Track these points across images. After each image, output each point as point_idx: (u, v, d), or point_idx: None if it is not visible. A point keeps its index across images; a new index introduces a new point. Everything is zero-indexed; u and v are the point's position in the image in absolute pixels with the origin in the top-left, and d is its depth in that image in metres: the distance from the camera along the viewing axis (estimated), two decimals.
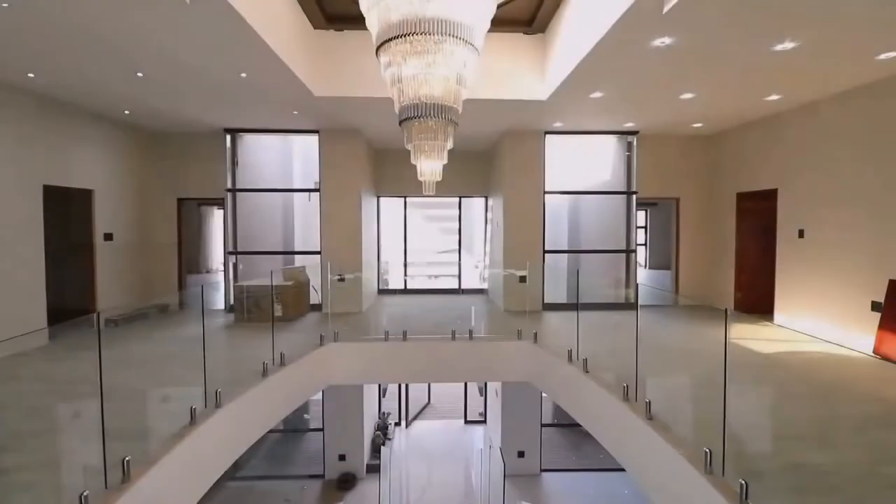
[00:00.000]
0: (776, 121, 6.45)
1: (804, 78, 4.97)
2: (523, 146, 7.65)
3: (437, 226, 14.10)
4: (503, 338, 5.87)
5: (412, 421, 10.56)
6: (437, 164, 3.43)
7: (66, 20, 3.59)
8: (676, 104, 6.01)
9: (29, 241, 5.40)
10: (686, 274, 8.15)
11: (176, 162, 7.96)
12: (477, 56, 3.07)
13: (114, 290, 6.93)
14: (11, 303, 5.13)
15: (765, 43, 4.00)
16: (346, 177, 7.59)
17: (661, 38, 3.91)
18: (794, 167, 6.15)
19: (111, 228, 6.93)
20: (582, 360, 4.51)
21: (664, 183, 8.10)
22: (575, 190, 8.38)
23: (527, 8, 5.23)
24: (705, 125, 7.33)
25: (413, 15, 2.81)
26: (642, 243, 13.86)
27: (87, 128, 6.39)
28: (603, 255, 8.23)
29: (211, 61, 4.57)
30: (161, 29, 3.79)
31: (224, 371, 4.04)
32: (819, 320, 5.71)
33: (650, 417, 3.33)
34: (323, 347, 5.35)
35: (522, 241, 7.65)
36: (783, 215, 6.35)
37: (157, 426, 3.33)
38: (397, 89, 3.14)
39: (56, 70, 4.75)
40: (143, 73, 4.85)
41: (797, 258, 6.11)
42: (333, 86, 5.70)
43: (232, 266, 7.77)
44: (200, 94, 5.63)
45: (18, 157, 5.29)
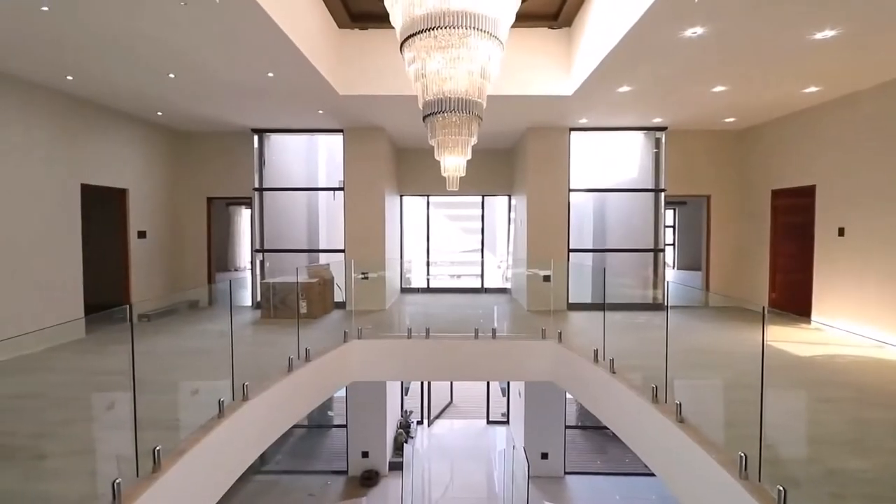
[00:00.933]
0: (814, 114, 6.17)
1: (845, 68, 4.73)
2: (548, 143, 7.54)
3: (459, 225, 14.08)
4: (527, 337, 5.80)
5: (434, 420, 10.56)
6: (461, 159, 3.40)
7: (102, 26, 3.71)
8: (708, 98, 5.82)
9: (68, 238, 5.63)
10: (717, 274, 7.88)
11: (205, 162, 8.18)
12: (501, 49, 3.03)
13: (147, 286, 7.17)
14: (51, 298, 5.35)
15: (803, 31, 3.82)
16: (370, 175, 7.65)
17: (692, 29, 3.78)
18: (834, 163, 5.87)
19: (144, 227, 7.17)
20: (608, 360, 4.40)
21: (694, 180, 7.86)
22: (601, 188, 8.22)
23: (552, 2, 5.15)
24: (737, 120, 7.07)
25: (437, 9, 2.79)
26: (670, 243, 13.51)
27: (121, 128, 6.62)
28: (630, 255, 8.04)
29: (240, 62, 4.67)
30: (193, 32, 3.89)
31: (251, 366, 4.11)
32: (859, 322, 5.43)
33: (681, 420, 3.22)
34: (347, 344, 5.39)
35: (546, 239, 7.55)
36: (822, 213, 6.06)
37: (187, 417, 3.41)
38: (421, 84, 3.12)
39: (92, 73, 4.92)
40: (174, 75, 4.99)
41: (836, 258, 5.82)
42: (358, 84, 5.74)
43: (259, 264, 7.93)
44: (229, 94, 5.76)
45: (58, 156, 5.51)
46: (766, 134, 7.16)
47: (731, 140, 7.80)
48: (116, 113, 6.49)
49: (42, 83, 5.19)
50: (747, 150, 7.64)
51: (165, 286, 7.66)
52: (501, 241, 11.01)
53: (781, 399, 3.62)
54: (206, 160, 8.18)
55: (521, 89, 5.71)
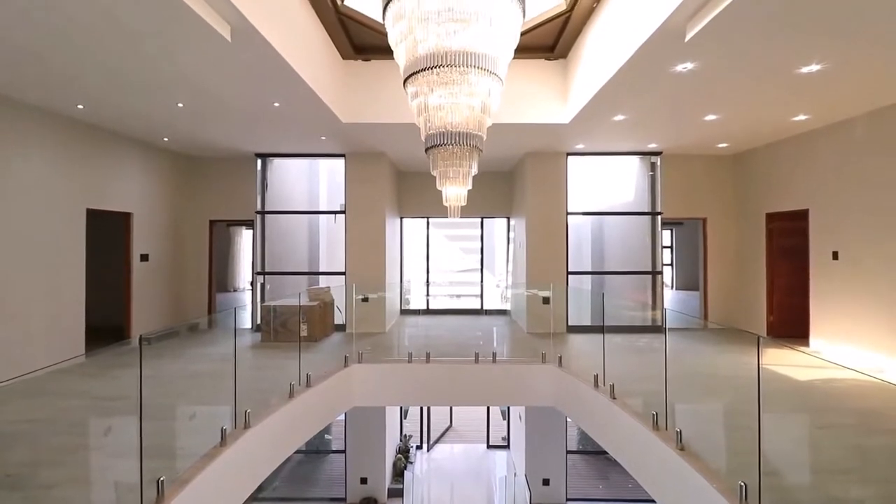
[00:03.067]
0: (805, 140, 6.32)
1: (833, 98, 4.89)
2: (546, 167, 7.69)
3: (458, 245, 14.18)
4: (527, 361, 5.81)
5: (434, 444, 10.44)
6: (462, 189, 3.50)
7: (117, 59, 3.84)
8: (700, 125, 5.98)
9: (72, 262, 5.68)
10: (715, 295, 7.94)
11: (209, 185, 8.30)
12: (501, 85, 3.16)
13: (148, 308, 7.20)
14: (54, 320, 5.38)
15: (790, 66, 3.98)
16: (371, 199, 7.76)
17: (683, 64, 3.93)
18: (826, 187, 5.99)
19: (147, 249, 7.23)
20: (609, 385, 4.42)
21: (690, 203, 7.98)
22: (598, 211, 8.34)
23: (548, 35, 5.34)
24: (730, 145, 7.24)
25: (439, 48, 2.93)
26: (668, 263, 13.59)
27: (127, 153, 6.74)
28: (628, 277, 8.11)
29: (248, 93, 4.82)
30: (205, 66, 4.03)
31: (252, 391, 4.12)
32: (857, 345, 5.47)
33: (681, 448, 3.24)
34: (347, 369, 5.40)
35: (545, 261, 7.63)
36: (816, 236, 6.16)
37: (190, 445, 3.41)
38: (424, 118, 3.24)
39: (104, 102, 5.06)
40: (183, 104, 5.13)
41: (832, 281, 5.89)
42: (360, 112, 5.90)
43: (260, 286, 7.97)
44: (235, 122, 5.91)
45: (65, 182, 5.61)
46: (760, 158, 7.31)
47: (726, 164, 7.95)
48: (123, 138, 6.62)
49: (54, 111, 5.31)
50: (741, 173, 7.79)
51: (166, 308, 7.68)
52: (500, 261, 11.08)
53: (781, 425, 3.64)
54: (210, 183, 8.30)
55: (520, 117, 5.87)
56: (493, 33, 2.92)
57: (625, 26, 3.96)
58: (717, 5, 3.01)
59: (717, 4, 3.00)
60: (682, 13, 3.21)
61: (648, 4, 3.50)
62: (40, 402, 4.26)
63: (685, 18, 3.29)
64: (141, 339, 2.58)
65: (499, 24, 2.90)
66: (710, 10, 3.09)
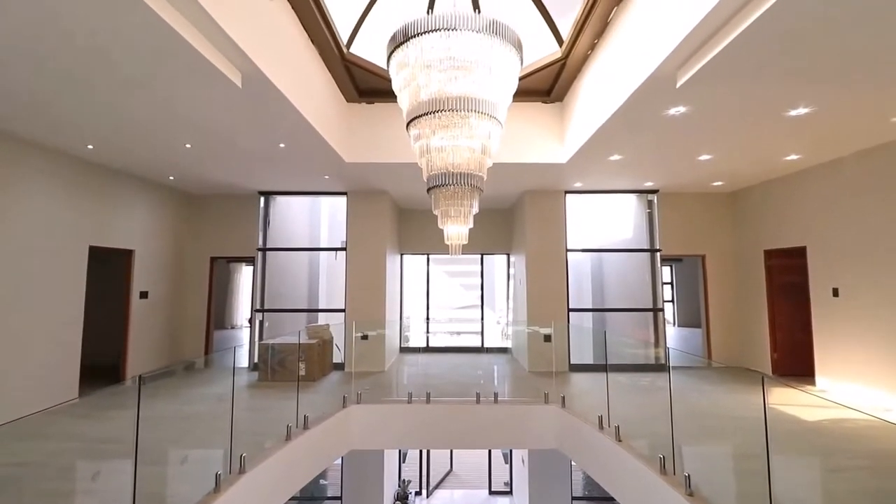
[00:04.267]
0: (798, 178, 6.45)
1: (822, 139, 5.04)
2: (544, 205, 7.81)
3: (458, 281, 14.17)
4: (529, 401, 5.69)
5: (434, 490, 10.03)
6: (463, 228, 3.55)
7: (129, 105, 3.99)
8: (695, 165, 6.13)
9: (71, 299, 5.65)
10: (718, 333, 7.86)
11: (211, 222, 8.38)
12: (501, 128, 3.28)
13: (144, 347, 7.10)
14: (50, 358, 5.30)
15: (779, 109, 4.13)
16: (372, 236, 7.83)
17: (675, 108, 4.09)
18: (822, 224, 6.07)
19: (147, 286, 7.22)
20: (614, 426, 4.31)
21: (688, 240, 8.05)
22: (597, 248, 8.40)
23: (545, 80, 5.57)
24: (725, 183, 7.39)
25: (441, 93, 3.06)
26: (669, 300, 13.54)
27: (132, 191, 6.82)
28: (629, 314, 8.07)
29: (255, 135, 4.96)
30: (215, 110, 4.17)
31: (248, 433, 4.01)
32: (864, 384, 5.38)
33: (690, 493, 3.13)
34: (346, 410, 5.28)
35: (546, 298, 7.61)
36: (815, 274, 6.18)
37: (181, 492, 3.29)
38: (426, 160, 3.33)
39: (113, 142, 5.19)
40: (191, 145, 5.28)
41: (834, 318, 5.87)
42: (363, 152, 6.06)
43: (258, 323, 7.90)
44: (241, 161, 6.05)
45: (70, 219, 5.67)
46: (755, 196, 7.44)
47: (722, 201, 8.08)
48: (129, 176, 6.73)
49: (63, 150, 5.43)
50: (738, 211, 7.90)
51: (163, 346, 7.58)
52: (501, 297, 11.04)
53: (791, 469, 3.53)
54: (212, 220, 8.38)
55: (518, 157, 6.02)
56: (493, 80, 3.06)
57: (618, 73, 4.15)
58: (703, 56, 3.17)
59: (704, 55, 3.16)
60: (672, 62, 3.37)
61: (640, 54, 3.68)
62: (31, 446, 4.13)
63: (675, 67, 3.46)
64: (140, 382, 2.54)
65: (498, 72, 3.05)
66: (697, 60, 3.24)
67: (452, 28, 2.80)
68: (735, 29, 2.82)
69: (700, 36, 3.04)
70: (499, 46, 2.93)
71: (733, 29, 2.84)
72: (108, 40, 2.92)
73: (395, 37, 2.97)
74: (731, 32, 2.87)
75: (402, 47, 2.94)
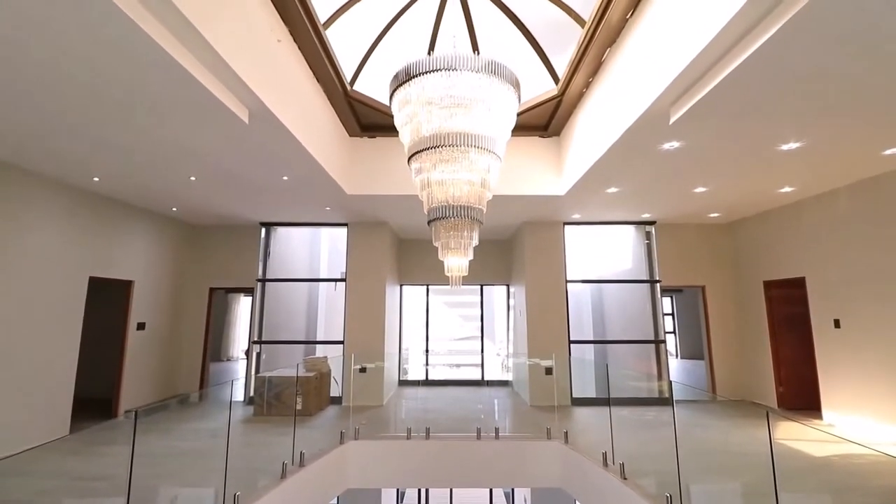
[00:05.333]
0: (794, 209, 6.53)
1: (815, 172, 5.15)
2: (543, 235, 7.86)
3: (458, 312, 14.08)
4: (532, 437, 5.55)
5: None
6: (464, 259, 3.58)
7: (137, 139, 4.09)
8: (691, 196, 6.22)
9: (68, 330, 5.59)
10: (721, 365, 7.76)
11: (211, 253, 8.40)
12: (500, 162, 3.36)
13: (139, 379, 6.97)
14: (42, 390, 5.18)
15: (770, 144, 4.24)
16: (372, 267, 7.84)
17: (669, 143, 4.19)
18: (820, 255, 6.10)
19: (145, 318, 7.16)
20: (619, 463, 4.20)
21: (688, 271, 8.06)
22: (597, 279, 8.40)
23: (542, 116, 5.73)
24: (722, 215, 7.48)
25: (442, 129, 3.15)
26: (671, 331, 13.44)
27: (134, 221, 6.85)
28: (631, 346, 7.99)
29: (259, 168, 5.06)
30: (221, 144, 4.27)
31: (242, 470, 3.90)
32: (872, 417, 5.27)
33: None
34: (343, 446, 5.14)
35: (546, 330, 7.55)
36: (815, 305, 6.17)
37: None
38: (427, 193, 3.39)
39: (119, 175, 5.28)
40: (195, 178, 5.37)
41: (837, 350, 5.81)
42: (364, 185, 6.15)
43: (255, 355, 7.79)
44: (244, 193, 6.13)
45: (72, 250, 5.67)
46: (752, 227, 7.51)
47: (720, 232, 8.14)
48: (132, 207, 6.78)
49: (68, 182, 5.49)
50: (736, 241, 7.96)
51: (157, 379, 7.44)
52: (500, 328, 10.94)
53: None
54: (212, 251, 8.40)
55: (517, 189, 6.11)
56: (492, 116, 3.16)
57: (613, 110, 4.28)
58: (695, 94, 3.28)
59: (695, 94, 3.28)
60: (665, 100, 3.48)
61: (633, 92, 3.81)
62: (18, 483, 4.00)
63: (668, 104, 3.57)
64: (136, 418, 2.49)
65: (496, 109, 3.15)
66: (689, 98, 3.36)
67: (453, 68, 2.92)
68: (724, 69, 2.94)
69: (691, 75, 3.15)
70: (497, 85, 3.04)
71: (723, 69, 2.96)
72: (122, 82, 3.02)
73: (398, 76, 3.09)
74: (720, 72, 2.98)
75: (405, 86, 3.05)
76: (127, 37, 2.52)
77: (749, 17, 2.53)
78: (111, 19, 2.37)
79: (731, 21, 2.55)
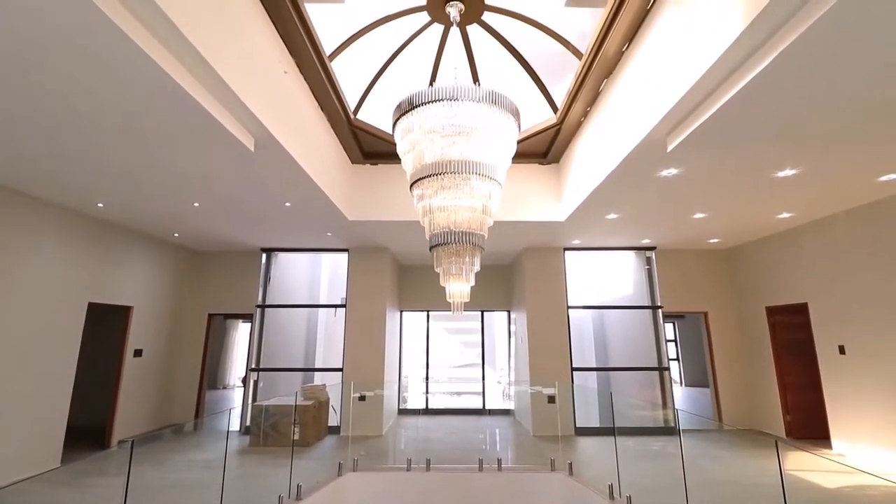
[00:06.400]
0: (793, 235, 6.56)
1: (812, 198, 5.20)
2: (544, 261, 7.86)
3: (458, 338, 13.96)
4: (535, 468, 5.40)
5: None
6: (465, 286, 3.57)
7: (143, 166, 4.15)
8: (690, 222, 6.26)
9: (64, 357, 5.51)
10: (726, 393, 7.63)
11: (211, 278, 8.37)
12: (500, 189, 3.39)
13: (133, 407, 6.83)
14: (34, 418, 5.07)
15: (767, 171, 4.30)
16: (373, 292, 7.81)
17: (667, 170, 4.25)
18: (821, 280, 6.09)
19: (142, 344, 7.07)
20: (625, 496, 4.07)
21: (689, 296, 8.03)
22: (598, 304, 8.36)
23: (541, 144, 5.83)
24: (722, 240, 7.51)
25: (443, 157, 3.20)
26: (674, 358, 13.28)
27: (134, 247, 6.82)
28: (634, 373, 7.87)
29: (262, 194, 5.11)
30: (226, 171, 4.33)
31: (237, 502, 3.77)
32: (883, 447, 5.15)
33: None
34: (342, 478, 4.99)
35: (548, 357, 7.45)
36: (819, 331, 6.12)
37: None
38: (428, 219, 3.41)
39: (124, 201, 5.32)
40: (199, 204, 5.41)
41: (842, 377, 5.73)
42: (366, 211, 6.20)
43: (252, 383, 7.66)
44: (246, 219, 6.17)
45: (72, 276, 5.65)
46: (752, 253, 7.53)
47: (720, 258, 8.15)
48: (133, 232, 6.77)
49: (72, 207, 5.52)
50: (737, 267, 7.95)
51: (153, 407, 7.29)
52: (501, 355, 10.80)
53: None
54: (211, 277, 8.37)
55: (517, 215, 6.16)
56: (492, 144, 3.22)
57: (611, 138, 4.36)
58: (691, 123, 3.36)
59: (692, 122, 3.35)
60: (662, 129, 3.55)
61: (631, 121, 3.89)
62: None
63: (665, 133, 3.64)
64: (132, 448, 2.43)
65: (497, 137, 3.21)
66: (686, 127, 3.43)
67: (455, 98, 2.99)
68: (719, 99, 3.01)
69: (687, 105, 3.23)
70: (497, 114, 3.11)
71: (718, 99, 3.03)
72: (130, 111, 3.09)
73: (401, 105, 3.16)
74: (715, 102, 3.06)
75: (408, 115, 3.11)
76: (136, 66, 2.59)
77: (743, 48, 2.61)
78: (121, 49, 2.44)
79: (725, 53, 2.63)
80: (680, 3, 3.10)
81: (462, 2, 3.68)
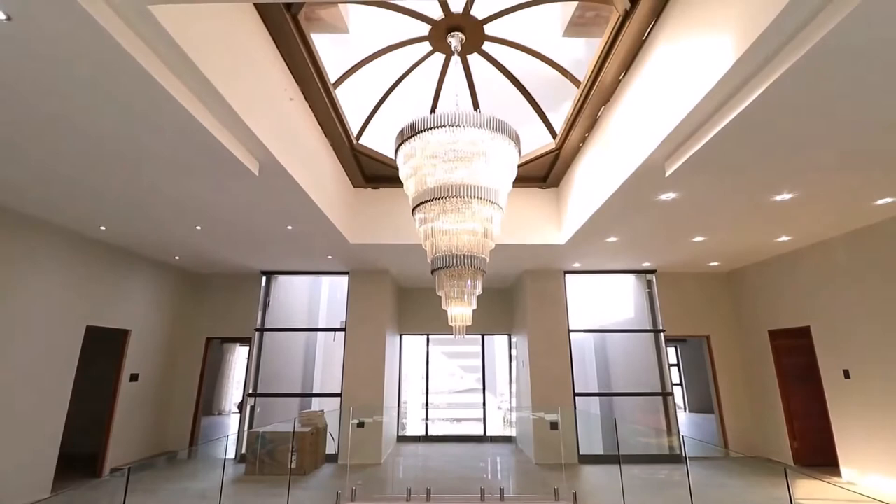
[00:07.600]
0: (792, 258, 6.57)
1: (809, 222, 5.24)
2: (545, 284, 7.84)
3: (458, 363, 13.79)
4: (538, 498, 5.25)
5: None
6: (467, 309, 3.56)
7: (148, 188, 4.19)
8: (689, 246, 6.29)
9: (59, 382, 5.42)
10: (731, 419, 7.49)
11: (210, 302, 8.31)
12: (501, 212, 3.42)
13: (127, 433, 6.67)
14: (27, 446, 4.96)
15: (764, 195, 4.35)
16: (373, 316, 7.76)
17: (666, 194, 4.30)
18: (822, 303, 6.07)
19: (139, 368, 6.95)
20: None
21: (691, 320, 7.98)
22: (600, 328, 8.30)
23: (541, 168, 5.91)
24: (721, 264, 7.52)
25: (445, 181, 3.24)
26: (677, 383, 13.10)
27: (134, 269, 6.79)
28: (637, 399, 7.75)
29: (265, 217, 5.15)
30: (230, 195, 4.37)
31: None
32: (892, 475, 5.03)
33: None
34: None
35: (550, 382, 7.34)
36: (822, 355, 6.06)
37: None
38: (430, 242, 3.43)
39: (126, 224, 5.35)
40: (201, 227, 5.44)
41: (848, 402, 5.64)
42: (367, 234, 6.23)
43: (249, 409, 7.51)
44: (248, 242, 6.19)
45: (71, 299, 5.61)
46: (752, 276, 7.52)
47: (721, 281, 8.15)
48: (134, 255, 6.75)
49: (73, 230, 5.53)
50: (738, 290, 7.93)
51: (147, 433, 7.12)
52: (502, 379, 10.65)
53: None
54: (210, 300, 8.32)
55: (518, 239, 6.19)
56: (493, 169, 3.27)
57: (610, 163, 4.42)
58: (689, 148, 3.42)
59: (689, 148, 3.41)
60: (660, 154, 3.61)
61: (629, 146, 3.96)
62: None
63: (663, 158, 3.70)
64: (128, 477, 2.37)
65: (497, 162, 3.26)
66: (684, 153, 3.49)
67: (456, 124, 3.05)
68: (717, 124, 3.08)
69: (684, 131, 3.29)
70: (498, 140, 3.17)
71: (716, 124, 3.09)
72: (136, 137, 3.15)
73: (403, 131, 3.22)
74: (712, 129, 3.12)
75: (411, 140, 3.17)
76: (145, 93, 2.65)
77: (738, 76, 2.68)
78: (129, 76, 2.50)
79: (720, 81, 2.70)
80: (674, 35, 3.21)
81: (463, 32, 3.79)
